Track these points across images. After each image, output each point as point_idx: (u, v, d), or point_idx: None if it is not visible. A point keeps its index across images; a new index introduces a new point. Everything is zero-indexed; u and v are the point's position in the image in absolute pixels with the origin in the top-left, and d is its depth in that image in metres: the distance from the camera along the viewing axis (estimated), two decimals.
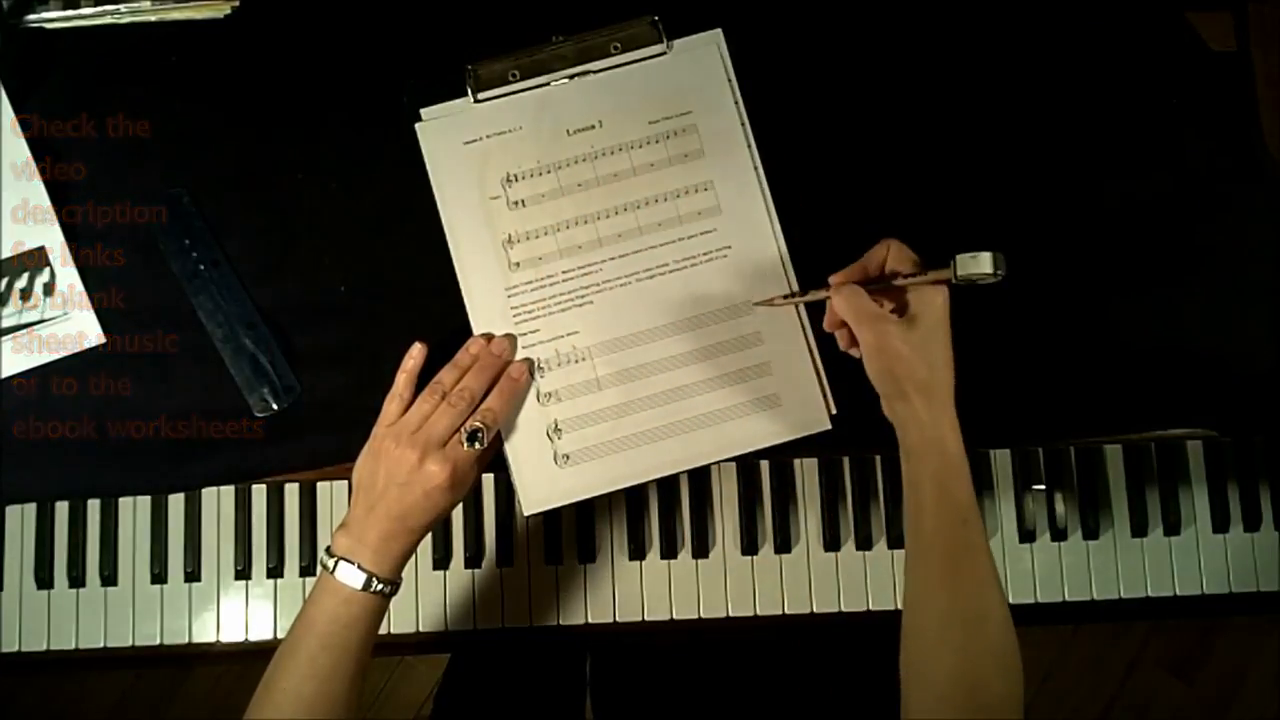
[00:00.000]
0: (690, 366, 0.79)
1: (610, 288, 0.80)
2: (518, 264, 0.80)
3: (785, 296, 0.78)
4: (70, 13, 0.84)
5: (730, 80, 0.82)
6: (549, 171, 0.81)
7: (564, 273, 0.80)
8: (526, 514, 0.79)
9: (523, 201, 0.81)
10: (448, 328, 0.79)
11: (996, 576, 0.65)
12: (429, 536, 0.83)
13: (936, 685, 0.62)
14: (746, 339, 0.80)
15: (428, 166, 0.81)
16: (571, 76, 0.82)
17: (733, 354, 0.79)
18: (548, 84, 0.82)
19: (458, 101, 0.82)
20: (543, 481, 0.78)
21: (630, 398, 0.79)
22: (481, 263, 0.80)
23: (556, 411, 0.79)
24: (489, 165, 0.81)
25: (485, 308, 0.80)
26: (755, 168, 0.81)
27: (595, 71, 0.82)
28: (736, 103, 0.81)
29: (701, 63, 0.82)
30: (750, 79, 0.82)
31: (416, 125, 0.81)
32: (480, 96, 0.81)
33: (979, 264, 0.64)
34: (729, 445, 0.79)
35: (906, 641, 0.66)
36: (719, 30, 0.82)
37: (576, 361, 0.79)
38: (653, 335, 0.80)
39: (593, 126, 0.81)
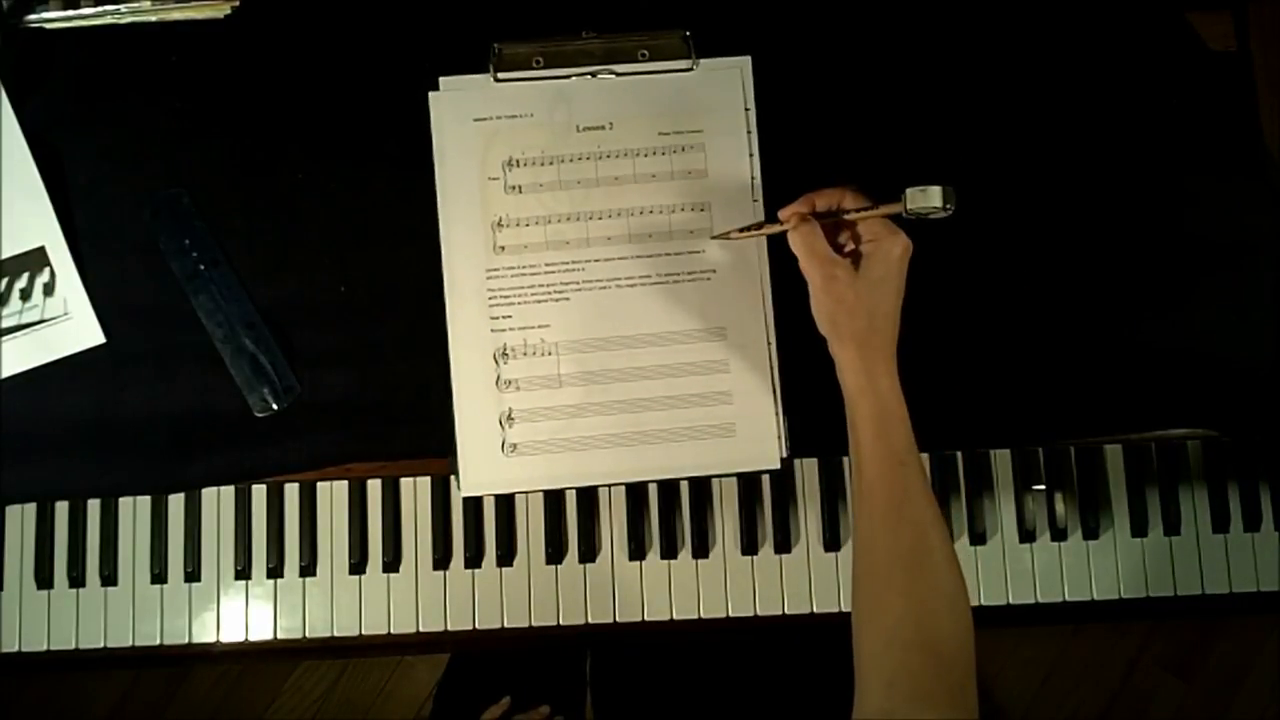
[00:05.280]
0: (653, 381, 0.80)
1: (589, 288, 0.80)
2: (503, 247, 0.80)
3: (742, 230, 0.79)
4: (70, 13, 0.84)
5: (748, 109, 0.82)
6: (552, 163, 0.81)
7: (547, 265, 0.80)
8: (463, 495, 0.80)
9: (520, 187, 0.81)
10: (448, 328, 0.80)
11: (938, 517, 0.65)
12: (429, 536, 0.83)
13: (886, 626, 0.63)
14: (713, 364, 0.80)
15: (433, 135, 0.81)
16: (593, 74, 0.82)
17: (697, 376, 0.80)
18: (568, 77, 0.82)
19: (477, 76, 0.82)
20: (486, 466, 0.79)
21: (588, 400, 0.80)
22: (467, 239, 0.80)
23: (512, 400, 0.79)
24: (494, 146, 0.81)
25: (462, 284, 0.80)
26: (755, 200, 0.81)
27: (617, 74, 0.82)
28: (749, 132, 0.82)
29: (723, 86, 0.82)
30: (767, 113, 0.82)
31: (430, 93, 0.81)
32: (500, 76, 0.82)
33: (928, 198, 0.66)
34: (676, 466, 0.80)
35: (856, 585, 0.67)
36: (748, 58, 0.82)
37: (542, 355, 0.80)
38: (622, 343, 0.80)
39: (603, 127, 0.82)
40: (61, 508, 0.84)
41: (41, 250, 0.82)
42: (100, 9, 0.84)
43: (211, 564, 0.84)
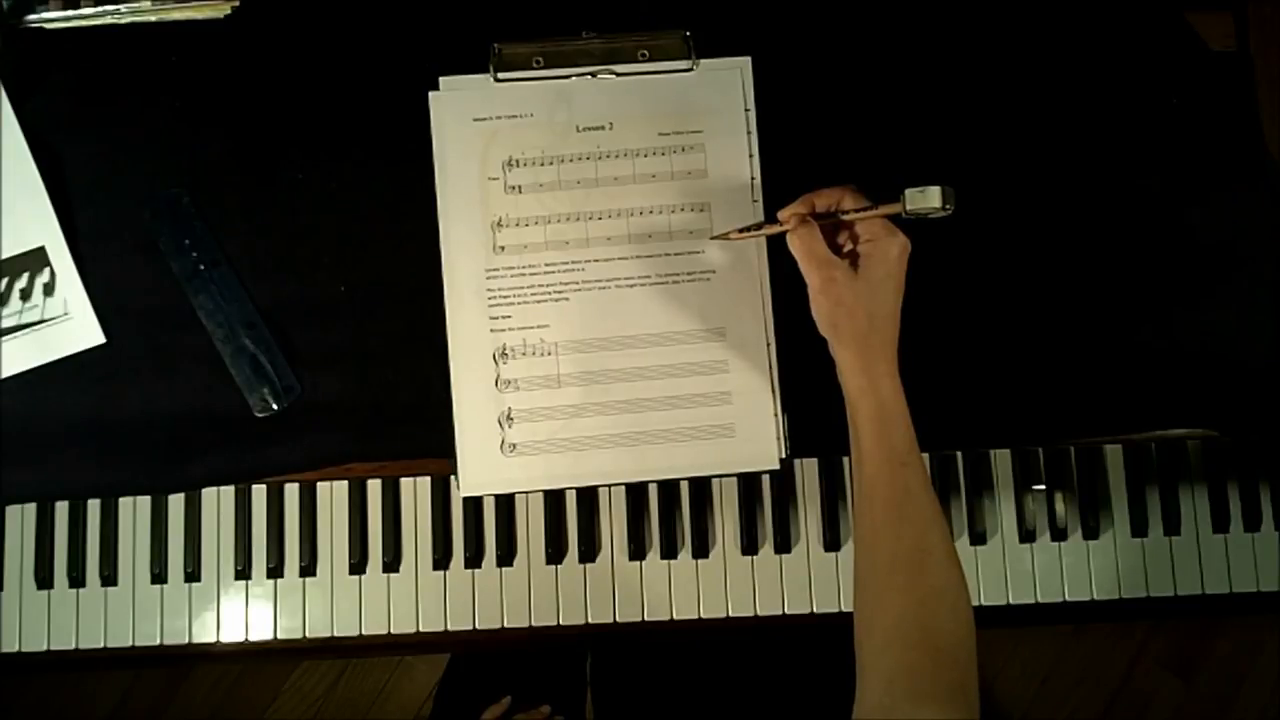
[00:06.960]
0: (652, 381, 0.80)
1: (589, 288, 0.80)
2: (503, 247, 0.80)
3: (741, 230, 0.79)
4: (70, 13, 0.84)
5: (748, 110, 0.82)
6: (552, 163, 0.81)
7: (546, 265, 0.81)
8: (463, 495, 0.80)
9: (520, 188, 0.81)
10: (447, 328, 0.80)
11: (939, 517, 0.66)
12: (429, 536, 0.83)
13: (887, 627, 0.63)
14: (713, 364, 0.80)
15: (433, 135, 0.81)
16: (593, 74, 0.82)
17: (697, 377, 0.80)
18: (568, 77, 0.82)
19: (477, 77, 0.82)
20: (485, 466, 0.79)
21: (587, 400, 0.80)
22: (467, 239, 0.80)
23: (512, 400, 0.79)
24: (494, 146, 0.81)
25: (462, 284, 0.80)
26: (754, 201, 0.81)
27: (617, 74, 0.82)
28: (749, 133, 0.82)
29: (723, 86, 0.82)
30: (767, 113, 0.82)
31: (430, 93, 0.81)
32: (500, 76, 0.82)
33: (928, 198, 0.66)
34: (675, 466, 0.80)
35: (858, 586, 0.67)
36: (748, 59, 0.82)
37: (542, 355, 0.80)
38: (622, 343, 0.80)
39: (603, 127, 0.82)
40: (61, 508, 0.84)
41: (41, 250, 0.82)
42: (100, 9, 0.84)
43: (211, 564, 0.84)
